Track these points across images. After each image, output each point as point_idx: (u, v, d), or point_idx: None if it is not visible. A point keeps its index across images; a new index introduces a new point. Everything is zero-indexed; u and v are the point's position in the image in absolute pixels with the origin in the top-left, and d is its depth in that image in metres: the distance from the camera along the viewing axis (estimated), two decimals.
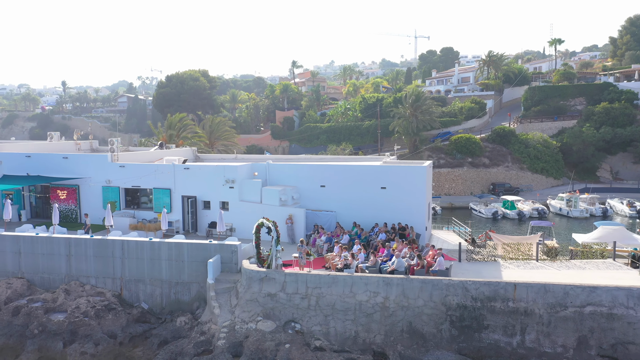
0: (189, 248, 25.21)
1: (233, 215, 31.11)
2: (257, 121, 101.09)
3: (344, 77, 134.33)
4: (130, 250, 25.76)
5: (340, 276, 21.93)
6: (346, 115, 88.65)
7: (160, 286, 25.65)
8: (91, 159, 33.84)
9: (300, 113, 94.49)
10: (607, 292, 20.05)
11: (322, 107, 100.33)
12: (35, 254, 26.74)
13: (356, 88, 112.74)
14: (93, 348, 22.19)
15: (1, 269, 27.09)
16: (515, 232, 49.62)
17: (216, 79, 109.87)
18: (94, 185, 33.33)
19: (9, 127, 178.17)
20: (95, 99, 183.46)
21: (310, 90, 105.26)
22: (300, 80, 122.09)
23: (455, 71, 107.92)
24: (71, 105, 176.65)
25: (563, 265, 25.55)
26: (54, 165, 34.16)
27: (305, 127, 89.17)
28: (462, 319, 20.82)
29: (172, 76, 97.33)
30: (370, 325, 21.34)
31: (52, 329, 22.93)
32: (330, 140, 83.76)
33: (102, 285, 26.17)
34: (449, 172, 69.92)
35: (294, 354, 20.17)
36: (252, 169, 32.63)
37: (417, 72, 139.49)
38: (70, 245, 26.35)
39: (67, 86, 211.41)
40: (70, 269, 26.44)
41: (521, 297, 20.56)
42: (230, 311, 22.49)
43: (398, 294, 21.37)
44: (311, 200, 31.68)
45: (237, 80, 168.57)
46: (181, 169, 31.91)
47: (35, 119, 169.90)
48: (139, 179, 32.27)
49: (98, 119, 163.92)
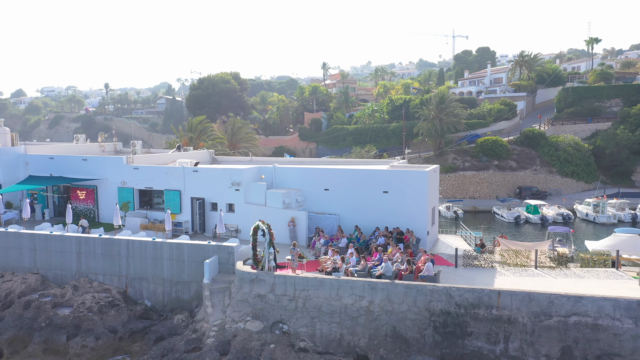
0: (189, 248, 26.19)
1: (239, 217, 31.98)
2: (286, 123, 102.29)
3: (376, 79, 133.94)
4: (135, 249, 26.96)
5: (327, 279, 22.36)
6: (373, 117, 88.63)
7: (162, 284, 26.74)
8: (108, 161, 35.40)
9: (328, 115, 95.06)
10: (592, 302, 19.70)
11: (350, 108, 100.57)
12: (49, 251, 28.35)
13: (387, 89, 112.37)
14: (94, 342, 23.42)
15: (18, 265, 28.84)
16: (537, 238, 48.55)
17: (247, 81, 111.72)
18: (110, 186, 34.87)
19: (55, 127, 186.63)
20: (135, 100, 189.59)
21: (338, 92, 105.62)
22: (331, 81, 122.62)
23: (488, 72, 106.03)
24: (113, 107, 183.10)
25: (561, 273, 25.12)
26: (74, 166, 35.96)
27: (332, 129, 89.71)
28: (446, 325, 20.88)
29: (204, 79, 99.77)
30: (355, 328, 21.68)
31: (58, 323, 24.33)
32: (356, 142, 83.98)
33: (109, 282, 27.49)
34: (474, 175, 68.96)
35: (278, 354, 20.74)
36: (259, 172, 33.41)
37: (451, 72, 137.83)
38: (80, 243, 27.80)
39: (111, 88, 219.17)
40: (81, 266, 27.90)
41: (505, 305, 20.45)
42: (223, 310, 23.27)
43: (383, 298, 21.63)
44: (315, 203, 32.19)
45: (271, 82, 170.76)
46: (190, 171, 33.02)
47: (80, 120, 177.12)
48: (151, 180, 33.59)
49: (138, 120, 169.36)
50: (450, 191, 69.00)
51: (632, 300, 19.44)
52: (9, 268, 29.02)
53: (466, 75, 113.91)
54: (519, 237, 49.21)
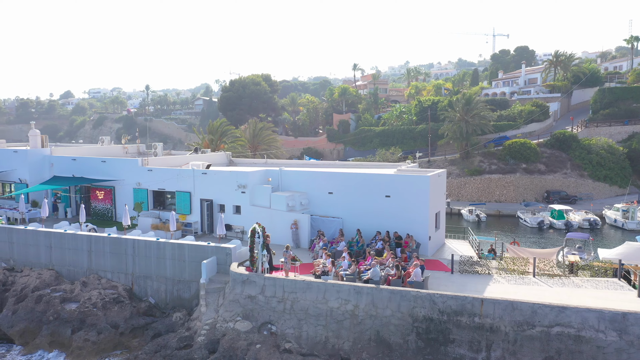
0: (189, 249, 27.13)
1: (245, 219, 32.75)
2: (316, 124, 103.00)
3: (408, 79, 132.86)
4: (140, 248, 28.14)
5: (314, 282, 22.77)
6: (401, 119, 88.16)
7: (165, 283, 27.81)
8: (124, 163, 36.89)
9: (356, 116, 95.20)
10: (576, 313, 19.33)
11: (379, 110, 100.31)
12: (63, 249, 29.93)
13: (418, 90, 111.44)
14: (96, 336, 24.66)
15: (36, 261, 30.57)
16: (558, 243, 47.38)
17: (277, 82, 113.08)
18: (126, 187, 36.37)
19: (99, 127, 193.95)
20: (175, 101, 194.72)
21: (368, 93, 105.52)
22: (363, 82, 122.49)
23: (522, 72, 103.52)
24: (153, 108, 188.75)
25: (559, 282, 24.63)
26: (94, 167, 37.68)
27: (359, 130, 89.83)
28: (429, 332, 20.92)
29: (235, 81, 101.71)
30: (340, 331, 22.00)
31: (65, 317, 25.73)
32: (383, 144, 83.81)
33: (116, 280, 28.79)
34: (500, 179, 67.66)
35: (262, 354, 21.33)
36: (266, 174, 34.10)
37: (487, 72, 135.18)
38: (91, 242, 29.23)
39: (153, 89, 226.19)
40: (91, 263, 29.33)
41: (488, 313, 20.32)
42: (216, 310, 24.05)
43: (367, 302, 21.86)
44: (320, 207, 32.61)
45: (306, 83, 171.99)
46: (199, 173, 34.06)
47: (121, 120, 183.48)
48: (163, 182, 34.84)
49: (176, 120, 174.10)
50: (476, 194, 67.97)
51: (617, 313, 18.97)
52: (27, 264, 30.81)
53: (500, 76, 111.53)
54: (539, 243, 48.17)
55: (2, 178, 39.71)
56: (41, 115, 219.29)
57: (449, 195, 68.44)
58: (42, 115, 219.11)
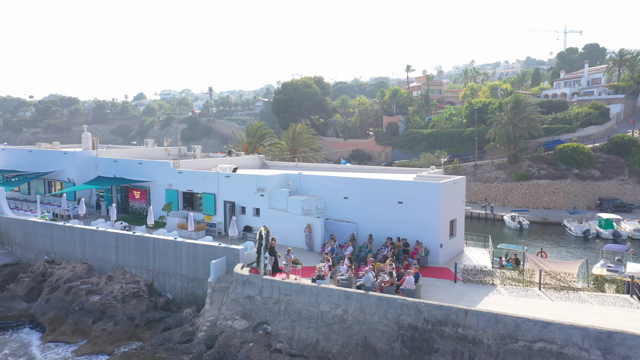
0: (202, 249, 28.64)
1: (263, 221, 33.85)
2: (366, 126, 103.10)
3: (465, 80, 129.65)
4: (160, 247, 30.02)
5: (307, 286, 23.49)
6: (450, 121, 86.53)
7: (180, 280, 29.51)
8: (158, 165, 39.19)
9: (405, 118, 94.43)
10: (560, 330, 18.82)
11: (431, 112, 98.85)
12: (95, 244, 32.45)
13: (474, 91, 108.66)
14: (112, 327, 26.68)
15: (72, 255, 33.32)
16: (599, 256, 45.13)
17: (329, 85, 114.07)
18: (159, 188, 38.67)
19: (166, 128, 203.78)
20: (236, 103, 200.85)
21: (419, 95, 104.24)
22: (417, 84, 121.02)
23: (585, 72, 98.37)
24: (216, 109, 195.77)
25: (563, 296, 23.84)
26: (132, 169, 40.32)
27: (407, 133, 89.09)
28: (413, 340, 21.07)
29: (287, 83, 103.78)
30: (330, 335, 22.59)
31: (88, 308, 28.00)
32: (431, 147, 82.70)
33: (139, 275, 30.87)
34: (549, 184, 64.96)
35: (253, 353, 22.32)
36: (286, 179, 35.13)
37: (552, 72, 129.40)
38: (118, 239, 31.50)
39: (221, 90, 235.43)
40: (118, 258, 31.61)
41: (471, 325, 20.18)
42: (219, 308, 25.34)
43: (356, 308, 22.30)
44: (336, 211, 33.21)
45: (362, 84, 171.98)
46: (223, 176, 35.64)
47: (186, 121, 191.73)
48: (190, 184, 36.77)
49: (237, 121, 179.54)
50: (522, 200, 65.69)
51: (602, 331, 18.29)
52: (65, 257, 33.64)
53: (562, 76, 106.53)
54: (576, 254, 46.03)
55: (54, 177, 43.35)
56: (115, 116, 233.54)
57: (492, 201, 66.61)
58: (116, 116, 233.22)
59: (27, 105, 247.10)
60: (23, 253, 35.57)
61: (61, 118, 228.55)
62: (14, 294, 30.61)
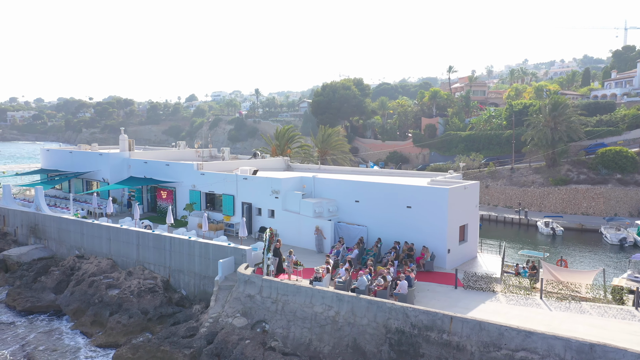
0: (213, 248, 29.88)
1: (277, 223, 34.88)
2: (405, 128, 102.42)
3: (511, 80, 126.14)
4: (175, 245, 31.52)
5: (303, 287, 24.15)
6: (490, 123, 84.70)
7: (193, 277, 30.88)
8: (183, 167, 40.93)
9: (444, 120, 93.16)
10: (543, 340, 18.60)
11: (471, 113, 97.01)
12: (118, 241, 34.41)
13: (518, 92, 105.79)
14: (127, 319, 28.32)
15: (99, 251, 35.46)
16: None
17: (369, 86, 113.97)
18: (184, 189, 40.41)
19: (214, 129, 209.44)
20: (281, 104, 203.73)
21: (459, 96, 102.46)
22: (460, 85, 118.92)
23: (637, 71, 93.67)
24: (262, 110, 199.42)
25: (564, 306, 23.35)
26: (160, 170, 42.31)
27: (445, 135, 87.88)
28: (400, 344, 21.32)
29: (326, 85, 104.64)
30: (322, 335, 23.17)
31: (107, 301, 29.83)
32: (468, 149, 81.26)
33: (157, 271, 32.51)
34: (589, 190, 62.53)
35: (248, 350, 23.21)
36: (301, 181, 35.92)
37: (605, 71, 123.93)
38: (138, 237, 33.28)
39: (270, 92, 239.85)
40: (139, 255, 33.40)
41: (456, 331, 20.24)
42: (222, 305, 26.43)
43: (348, 310, 22.77)
44: (348, 214, 33.68)
45: (406, 85, 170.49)
46: (241, 178, 36.85)
47: (233, 122, 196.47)
48: (211, 185, 38.22)
49: (281, 122, 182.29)
50: (560, 205, 63.57)
51: (584, 343, 17.96)
52: (93, 252, 35.84)
53: (613, 76, 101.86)
54: (605, 262, 44.28)
55: (90, 177, 46.09)
56: (167, 117, 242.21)
57: (528, 206, 64.85)
58: (168, 117, 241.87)
59: (87, 106, 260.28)
60: (57, 248, 38.14)
61: (117, 119, 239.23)
62: (44, 285, 32.97)
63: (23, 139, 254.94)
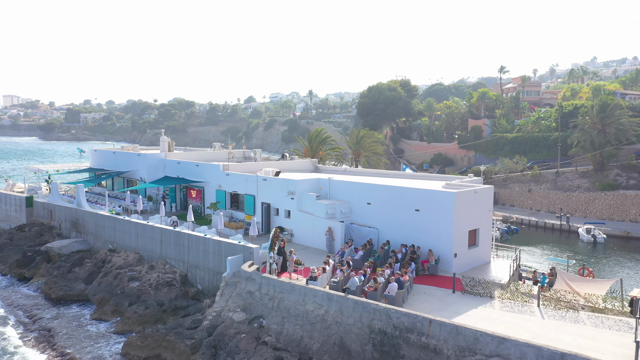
0: (225, 246, 31.30)
1: (293, 223, 35.97)
2: (452, 129, 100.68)
3: (569, 80, 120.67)
4: (192, 242, 33.25)
5: (297, 285, 24.99)
6: (538, 125, 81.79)
7: (208, 273, 32.47)
8: (210, 168, 42.80)
9: (492, 121, 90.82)
10: (515, 347, 18.44)
11: (521, 114, 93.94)
12: (145, 237, 36.65)
13: (574, 93, 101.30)
14: (143, 310, 30.27)
15: (128, 245, 37.90)
16: None
17: (416, 87, 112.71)
18: (211, 188, 42.29)
19: (269, 130, 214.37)
20: (334, 105, 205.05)
21: (508, 97, 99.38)
22: (513, 85, 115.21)
23: None
24: (315, 111, 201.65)
25: (559, 315, 22.83)
26: (191, 170, 44.46)
27: (491, 137, 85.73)
28: (383, 344, 21.70)
29: (372, 87, 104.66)
30: (312, 332, 23.90)
31: (127, 292, 31.97)
32: (514, 152, 78.95)
33: (177, 266, 34.38)
34: (638, 195, 59.22)
35: (242, 343, 24.32)
36: (317, 183, 36.73)
37: None
38: (162, 233, 35.33)
39: (321, 93, 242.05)
40: (162, 250, 35.44)
41: (434, 334, 20.38)
42: (226, 300, 27.73)
43: (336, 309, 23.38)
44: (360, 216, 34.16)
45: (460, 86, 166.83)
46: (261, 179, 38.16)
47: (287, 123, 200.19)
48: (234, 185, 39.82)
49: (333, 123, 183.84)
50: (606, 212, 60.61)
51: (555, 352, 17.66)
52: (124, 247, 38.32)
53: None
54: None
55: (130, 176, 49.08)
56: (226, 118, 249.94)
57: (573, 212, 62.27)
58: (227, 118, 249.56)
59: (152, 108, 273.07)
60: (94, 241, 41.06)
61: (179, 120, 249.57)
62: (77, 276, 35.70)
63: (94, 138, 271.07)
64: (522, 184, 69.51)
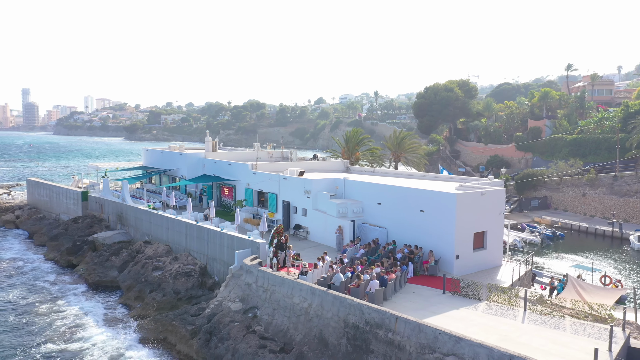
0: (237, 240, 33.08)
1: (309, 221, 37.16)
2: (512, 130, 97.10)
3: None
4: (210, 236, 35.37)
5: (287, 279, 26.15)
6: (601, 126, 77.17)
7: (223, 265, 34.41)
8: (240, 167, 44.91)
9: (552, 122, 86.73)
10: (469, 347, 18.49)
11: (586, 115, 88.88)
12: (173, 230, 39.34)
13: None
14: (161, 297, 32.73)
15: (160, 237, 40.81)
16: None
17: (475, 88, 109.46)
18: (241, 186, 44.43)
19: (334, 131, 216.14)
20: (400, 106, 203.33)
21: (573, 97, 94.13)
22: (582, 84, 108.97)
23: None
24: (380, 112, 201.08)
25: (541, 320, 22.33)
26: (225, 169, 46.88)
27: (549, 138, 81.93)
28: (355, 338, 22.35)
29: (429, 87, 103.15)
30: (297, 324, 24.97)
31: (150, 280, 34.63)
32: (573, 154, 75.06)
33: (198, 258, 36.68)
34: None
35: (233, 331, 25.86)
36: (333, 183, 37.65)
37: None
38: (187, 227, 37.81)
39: (391, 94, 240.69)
40: (187, 243, 37.92)
41: (400, 331, 20.77)
42: (229, 291, 29.45)
43: (318, 303, 24.30)
44: (371, 216, 34.73)
45: (529, 85, 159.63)
46: (282, 178, 39.66)
47: (352, 124, 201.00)
48: (258, 183, 41.63)
49: (398, 124, 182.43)
50: None
51: (505, 353, 17.56)
52: (157, 239, 41.30)
53: None
54: None
55: (173, 173, 52.47)
56: (294, 119, 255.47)
57: (630, 218, 58.45)
58: (295, 119, 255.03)
59: (225, 110, 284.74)
60: (134, 233, 44.51)
61: (249, 121, 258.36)
62: (112, 264, 39.03)
63: (172, 139, 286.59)
64: (577, 187, 66.07)
